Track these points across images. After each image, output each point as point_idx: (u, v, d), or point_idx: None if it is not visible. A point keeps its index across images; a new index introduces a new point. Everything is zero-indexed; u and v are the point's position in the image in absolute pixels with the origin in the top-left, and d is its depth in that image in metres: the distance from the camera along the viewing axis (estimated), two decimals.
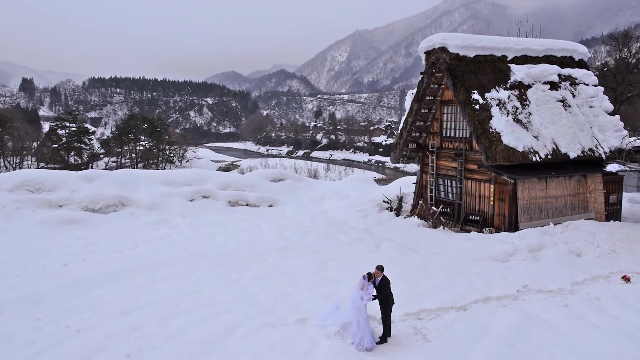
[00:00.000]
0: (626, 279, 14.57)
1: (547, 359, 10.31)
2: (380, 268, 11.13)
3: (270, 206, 25.56)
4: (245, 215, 23.59)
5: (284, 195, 26.59)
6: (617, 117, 22.15)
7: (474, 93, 19.80)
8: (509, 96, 20.23)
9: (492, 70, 20.87)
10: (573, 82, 22.25)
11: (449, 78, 20.28)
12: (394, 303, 11.18)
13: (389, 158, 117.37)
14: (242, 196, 25.42)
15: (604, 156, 20.82)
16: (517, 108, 20.14)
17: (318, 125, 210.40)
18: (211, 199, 24.83)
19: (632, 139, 21.97)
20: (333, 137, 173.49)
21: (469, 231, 20.73)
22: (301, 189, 27.72)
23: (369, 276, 11.28)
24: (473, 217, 20.89)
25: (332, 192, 27.84)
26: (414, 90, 23.16)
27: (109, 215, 22.17)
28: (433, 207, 21.34)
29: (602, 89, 22.79)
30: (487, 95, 19.95)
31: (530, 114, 20.25)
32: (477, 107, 19.57)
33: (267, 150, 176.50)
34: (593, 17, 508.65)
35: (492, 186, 20.02)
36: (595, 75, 23.69)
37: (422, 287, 14.40)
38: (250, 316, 12.27)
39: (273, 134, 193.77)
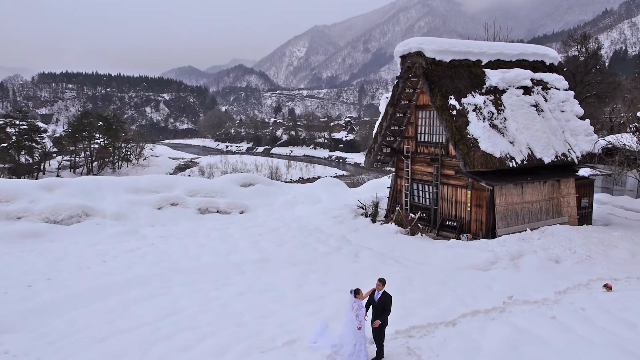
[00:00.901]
0: (608, 287, 14.66)
1: None
2: (382, 281, 10.72)
3: (242, 212, 24.86)
4: (217, 224, 22.83)
5: (255, 201, 25.91)
6: (587, 121, 22.47)
7: (451, 99, 19.66)
8: (485, 101, 20.19)
9: (467, 75, 20.78)
10: (545, 86, 22.44)
11: (426, 83, 20.06)
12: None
13: (349, 154, 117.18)
14: (212, 203, 24.61)
15: (576, 160, 21.07)
16: (493, 113, 20.13)
17: (278, 121, 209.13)
18: (180, 207, 23.93)
19: (602, 140, 22.36)
20: (293, 133, 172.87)
21: (445, 237, 20.66)
22: (272, 193, 27.09)
23: (356, 292, 10.89)
24: (450, 223, 20.80)
25: (304, 197, 27.34)
26: (389, 94, 22.89)
27: (72, 227, 21.00)
28: (411, 214, 21.14)
29: (572, 93, 23.09)
30: (463, 100, 19.85)
31: (505, 119, 20.27)
32: (454, 112, 19.43)
33: (227, 147, 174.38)
34: (544, 15, 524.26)
35: (469, 192, 19.96)
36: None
37: (408, 300, 14.10)
38: (237, 339, 11.68)
39: (232, 130, 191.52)
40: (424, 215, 21.66)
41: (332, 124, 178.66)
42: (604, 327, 12.39)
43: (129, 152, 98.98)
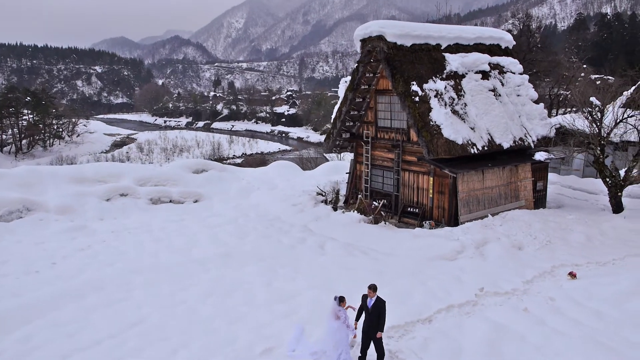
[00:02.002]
0: (572, 275, 14.98)
1: None
2: (373, 288, 10.31)
3: (196, 201, 23.83)
4: (171, 215, 21.75)
5: (209, 188, 24.90)
6: (542, 105, 22.84)
7: (413, 84, 19.35)
8: (446, 87, 20.04)
9: (428, 59, 20.50)
10: (501, 70, 22.54)
11: (388, 68, 19.63)
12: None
13: (292, 129, 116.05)
14: (164, 192, 23.42)
15: (532, 145, 21.40)
16: (454, 99, 20.02)
17: (218, 95, 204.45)
18: (130, 197, 22.61)
19: (553, 120, 22.79)
20: (234, 107, 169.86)
21: (407, 224, 20.60)
22: (226, 180, 26.13)
23: (341, 299, 10.51)
24: (411, 210, 20.73)
25: (259, 182, 26.56)
26: (347, 78, 22.34)
27: (12, 224, 19.37)
28: (374, 202, 20.90)
29: (527, 77, 23.34)
30: (425, 86, 19.59)
31: (465, 104, 20.23)
32: (416, 99, 19.16)
33: (165, 122, 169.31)
34: None
35: (432, 179, 19.89)
36: None
37: (382, 296, 13.86)
38: (211, 350, 11.06)
39: (170, 105, 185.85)
40: (385, 201, 21.48)
41: (273, 97, 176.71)
42: (575, 319, 12.60)
43: (60, 129, 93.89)
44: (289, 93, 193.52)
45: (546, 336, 11.66)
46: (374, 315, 10.07)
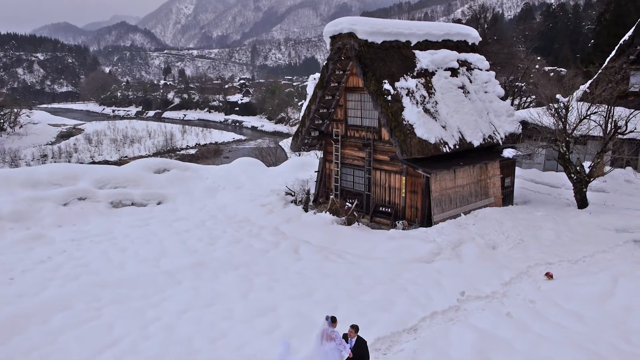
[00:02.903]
0: (549, 276, 15.11)
1: None
2: (355, 328, 9.83)
3: (159, 203, 22.84)
4: (135, 219, 20.71)
5: (173, 189, 23.92)
6: (509, 101, 22.99)
7: (385, 83, 19.02)
8: (417, 85, 19.82)
9: (399, 57, 20.21)
10: (469, 67, 22.53)
11: (359, 67, 19.22)
12: None
13: (246, 117, 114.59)
14: (125, 194, 22.30)
15: (500, 142, 21.53)
16: (425, 97, 19.84)
17: (168, 83, 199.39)
18: (89, 201, 21.41)
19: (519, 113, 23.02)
20: (186, 96, 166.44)
21: (379, 223, 20.40)
22: (190, 179, 25.18)
23: (332, 320, 10.07)
24: (384, 209, 20.51)
25: (224, 181, 25.73)
26: (317, 75, 21.82)
27: None
28: (347, 203, 20.56)
29: (493, 73, 23.45)
30: (397, 84, 19.29)
31: (436, 102, 20.08)
32: (389, 98, 18.85)
33: (114, 111, 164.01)
34: None
35: (404, 178, 19.71)
36: None
37: (363, 305, 13.57)
38: None
39: (119, 94, 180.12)
40: (357, 201, 21.18)
41: (226, 86, 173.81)
42: (557, 322, 12.67)
43: (1, 120, 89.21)
44: (242, 81, 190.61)
45: (532, 343, 11.64)
46: (356, 356, 9.60)
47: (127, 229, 19.53)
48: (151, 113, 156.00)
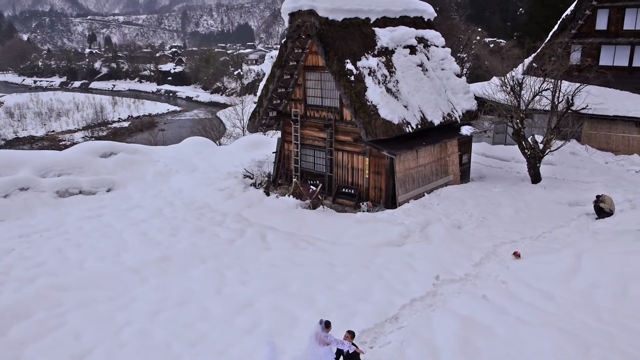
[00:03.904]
0: (517, 255, 15.48)
1: None
2: (351, 334, 9.62)
3: (109, 190, 21.53)
4: (86, 210, 19.43)
5: (123, 174, 22.60)
6: (464, 78, 23.13)
7: (347, 63, 18.55)
8: (378, 64, 19.48)
9: (359, 35, 19.73)
10: (426, 44, 22.39)
11: (320, 45, 18.61)
12: None
13: (180, 87, 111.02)
14: (72, 182, 20.83)
15: (458, 120, 21.69)
16: (386, 76, 19.57)
17: (94, 52, 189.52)
18: (33, 191, 19.83)
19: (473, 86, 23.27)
20: (114, 65, 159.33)
21: (342, 204, 20.20)
22: (139, 162, 23.87)
23: (327, 324, 9.80)
24: (346, 190, 20.30)
25: (176, 164, 24.58)
26: (274, 54, 21.01)
27: None
28: (312, 187, 20.15)
29: (449, 50, 23.45)
30: (358, 64, 18.88)
31: (397, 81, 19.87)
32: (351, 78, 18.42)
33: (35, 82, 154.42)
34: None
35: (367, 159, 19.52)
36: None
37: (340, 295, 13.42)
38: None
39: (40, 63, 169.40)
40: (318, 182, 20.84)
41: (157, 54, 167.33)
42: (530, 303, 12.99)
43: None
44: (173, 49, 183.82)
45: (511, 326, 11.87)
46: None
47: (79, 221, 18.32)
48: (77, 84, 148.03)
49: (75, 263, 15.08)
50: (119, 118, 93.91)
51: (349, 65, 18.52)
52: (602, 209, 18.57)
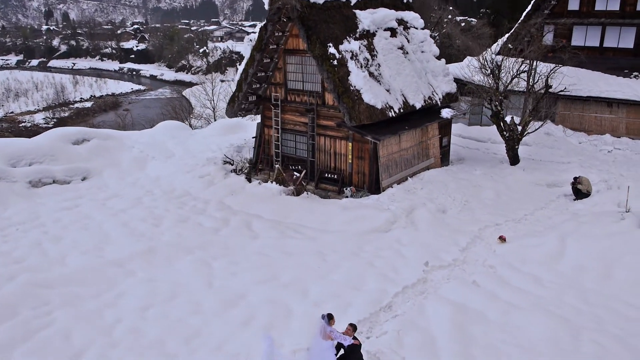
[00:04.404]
0: (502, 239, 15.69)
1: None
2: (353, 327, 9.55)
3: (84, 179, 20.81)
4: (62, 200, 18.72)
5: (97, 162, 21.85)
6: (444, 60, 23.09)
7: (330, 46, 18.25)
8: (360, 47, 19.25)
9: (340, 18, 19.41)
10: (406, 26, 22.21)
11: (302, 29, 18.23)
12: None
13: (143, 66, 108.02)
14: (45, 171, 20.03)
15: (439, 102, 21.71)
16: (368, 60, 19.36)
17: (52, 28, 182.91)
18: (4, 182, 18.98)
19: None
20: (73, 42, 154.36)
21: (325, 190, 20.07)
22: (114, 149, 23.12)
23: (329, 318, 9.74)
24: (329, 176, 20.16)
25: (152, 149, 23.91)
26: (253, 36, 20.45)
27: None
28: (295, 173, 19.90)
29: (428, 32, 23.33)
30: (341, 47, 18.61)
31: (379, 65, 19.69)
32: (334, 62, 18.15)
33: None
34: None
35: (350, 144, 19.37)
36: None
37: (334, 285, 13.36)
38: None
39: None
40: (300, 167, 20.63)
41: (118, 31, 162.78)
42: (520, 288, 13.19)
43: None
44: (135, 26, 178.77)
45: (504, 311, 12.03)
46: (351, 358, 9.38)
47: (56, 212, 17.67)
48: (35, 62, 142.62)
49: (56, 258, 14.56)
50: (81, 98, 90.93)
51: (332, 49, 18.22)
52: (579, 191, 18.98)
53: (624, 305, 12.31)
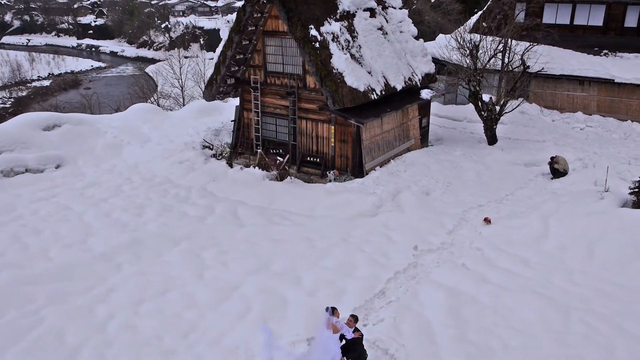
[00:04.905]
0: (487, 221, 15.95)
1: (499, 345, 10.71)
2: (355, 318, 9.56)
3: (58, 167, 20.09)
4: (37, 190, 18.04)
5: (70, 149, 21.09)
6: (422, 40, 23.02)
7: (312, 29, 17.94)
8: (341, 29, 18.97)
9: None
10: (384, 6, 21.98)
11: (283, 11, 17.84)
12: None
13: (103, 42, 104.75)
14: (16, 160, 19.24)
15: (418, 83, 21.69)
16: (349, 42, 19.13)
17: (3, 2, 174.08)
18: None
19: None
20: (27, 18, 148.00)
21: (307, 173, 19.96)
22: (86, 135, 22.33)
23: (333, 310, 9.74)
24: (311, 159, 20.03)
25: (126, 134, 23.19)
26: (231, 18, 19.93)
27: None
28: (279, 158, 19.68)
29: (406, 11, 23.16)
30: (322, 29, 18.30)
31: (360, 47, 19.49)
32: (316, 45, 17.87)
33: None
34: None
35: (333, 127, 19.24)
36: None
37: (326, 272, 13.38)
38: None
39: None
40: (282, 151, 20.42)
41: (75, 5, 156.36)
42: (508, 270, 13.46)
43: None
44: (93, 0, 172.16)
45: (495, 294, 12.29)
46: (352, 350, 9.41)
47: (32, 203, 17.05)
48: None
49: (38, 252, 14.11)
50: (39, 76, 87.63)
51: (313, 31, 17.92)
52: (557, 170, 19.39)
53: (608, 284, 12.70)
